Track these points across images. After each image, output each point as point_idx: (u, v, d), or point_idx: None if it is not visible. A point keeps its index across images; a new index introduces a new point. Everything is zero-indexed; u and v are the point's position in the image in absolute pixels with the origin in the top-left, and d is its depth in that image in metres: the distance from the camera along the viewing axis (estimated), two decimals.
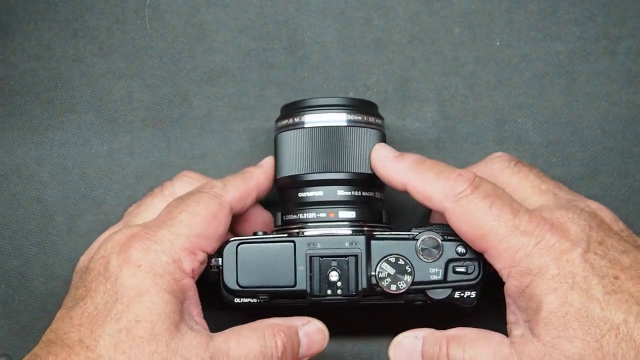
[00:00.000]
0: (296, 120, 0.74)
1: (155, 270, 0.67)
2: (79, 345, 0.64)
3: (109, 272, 0.67)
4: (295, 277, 0.70)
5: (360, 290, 0.70)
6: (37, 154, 0.84)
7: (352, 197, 0.73)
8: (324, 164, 0.73)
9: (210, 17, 0.85)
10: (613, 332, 0.63)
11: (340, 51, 0.85)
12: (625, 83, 0.84)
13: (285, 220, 0.74)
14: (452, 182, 0.69)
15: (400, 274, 0.70)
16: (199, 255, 0.69)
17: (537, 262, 0.66)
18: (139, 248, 0.68)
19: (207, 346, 0.66)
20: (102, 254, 0.69)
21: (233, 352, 0.66)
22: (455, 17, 0.85)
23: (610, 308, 0.64)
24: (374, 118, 0.75)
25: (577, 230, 0.67)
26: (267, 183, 0.77)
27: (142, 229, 0.69)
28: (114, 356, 0.64)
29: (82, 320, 0.66)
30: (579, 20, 0.84)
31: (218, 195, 0.72)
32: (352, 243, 0.70)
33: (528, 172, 0.75)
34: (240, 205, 0.74)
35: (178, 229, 0.69)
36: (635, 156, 0.83)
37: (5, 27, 0.85)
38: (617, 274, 0.65)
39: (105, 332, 0.64)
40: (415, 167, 0.71)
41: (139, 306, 0.65)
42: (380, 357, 0.82)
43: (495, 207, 0.68)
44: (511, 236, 0.67)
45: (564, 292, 0.65)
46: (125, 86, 0.85)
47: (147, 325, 0.65)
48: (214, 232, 0.71)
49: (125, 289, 0.66)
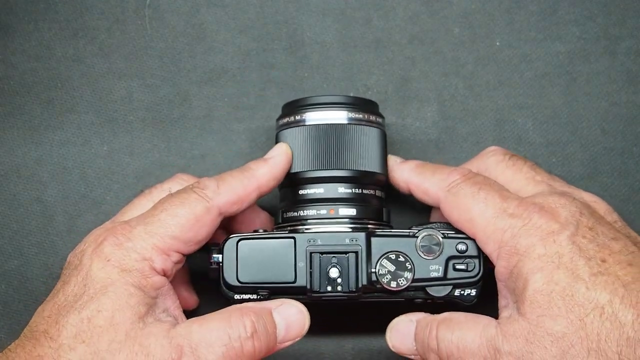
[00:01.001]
0: (297, 117, 0.74)
1: (123, 266, 0.67)
2: (43, 335, 0.65)
3: (82, 264, 0.68)
4: (296, 273, 0.70)
5: (361, 286, 0.70)
6: (37, 154, 0.84)
7: (353, 195, 0.73)
8: (325, 161, 0.73)
9: (210, 17, 0.85)
10: (597, 312, 0.63)
11: (340, 51, 0.85)
12: (625, 83, 0.84)
13: (286, 217, 0.74)
14: (445, 176, 0.72)
15: (400, 271, 0.70)
16: (173, 256, 0.69)
17: (524, 242, 0.66)
18: (111, 243, 0.68)
19: (167, 332, 0.65)
20: (81, 248, 0.70)
21: (195, 335, 0.65)
22: (455, 17, 0.85)
23: (596, 288, 0.64)
24: (374, 116, 0.75)
25: (567, 214, 0.67)
26: (271, 182, 0.73)
27: (120, 225, 0.70)
28: (73, 345, 0.64)
29: (52, 312, 0.66)
30: (579, 20, 0.84)
31: (207, 198, 0.70)
32: (352, 240, 0.70)
33: (522, 164, 0.75)
34: (235, 208, 0.72)
35: (154, 228, 0.69)
36: (635, 156, 0.83)
37: (5, 27, 0.85)
38: (605, 258, 0.65)
39: (68, 322, 0.65)
40: (415, 169, 0.75)
41: (102, 297, 0.65)
42: (381, 355, 0.82)
43: (483, 191, 0.69)
44: (498, 218, 0.68)
45: (550, 271, 0.65)
46: (125, 86, 0.85)
47: (108, 314, 0.65)
48: (193, 236, 0.70)
49: (93, 281, 0.66)
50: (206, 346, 0.65)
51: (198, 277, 0.79)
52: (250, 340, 0.66)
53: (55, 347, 0.64)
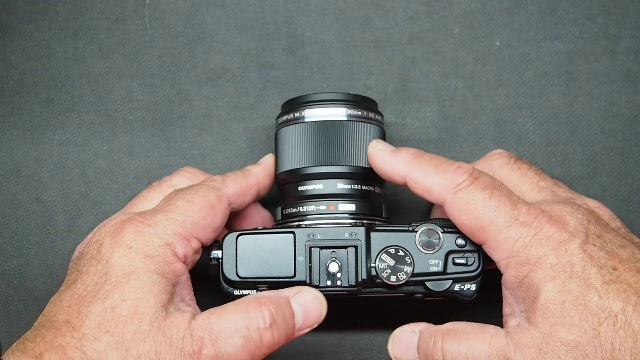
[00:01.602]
0: (297, 115, 0.74)
1: (147, 252, 0.67)
2: (65, 326, 0.64)
3: (101, 254, 0.68)
4: (295, 268, 0.70)
5: (360, 281, 0.70)
6: (37, 154, 0.84)
7: (352, 191, 0.73)
8: (324, 157, 0.73)
9: (210, 17, 0.85)
10: (611, 321, 0.63)
11: (340, 51, 0.85)
12: (625, 83, 0.84)
13: (286, 214, 0.74)
14: (451, 174, 0.69)
15: (400, 266, 0.69)
16: (193, 242, 0.70)
17: (536, 253, 0.66)
18: (132, 231, 0.68)
19: (189, 324, 0.65)
20: (96, 239, 0.70)
21: (215, 327, 0.65)
22: (455, 17, 0.85)
23: (609, 297, 0.63)
24: (373, 114, 0.75)
25: (575, 223, 0.67)
26: (267, 181, 0.77)
27: (138, 215, 0.70)
28: (97, 335, 0.64)
29: (72, 302, 0.66)
30: (579, 20, 0.84)
31: (217, 189, 0.72)
32: (352, 234, 0.70)
33: (528, 169, 0.75)
34: (240, 201, 0.75)
35: (174, 215, 0.69)
36: (635, 156, 0.83)
37: (5, 27, 0.85)
38: (616, 266, 0.65)
39: (92, 311, 0.65)
40: (414, 161, 0.71)
41: (126, 286, 0.65)
42: (381, 355, 0.82)
43: (495, 198, 0.68)
44: (510, 227, 0.67)
45: (563, 281, 0.64)
46: (125, 86, 0.85)
47: (132, 303, 0.65)
48: (211, 223, 0.71)
49: (115, 270, 0.66)
50: (226, 338, 0.65)
51: (198, 276, 0.79)
52: (270, 330, 0.66)
53: (78, 338, 0.64)
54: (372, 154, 0.73)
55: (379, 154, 0.73)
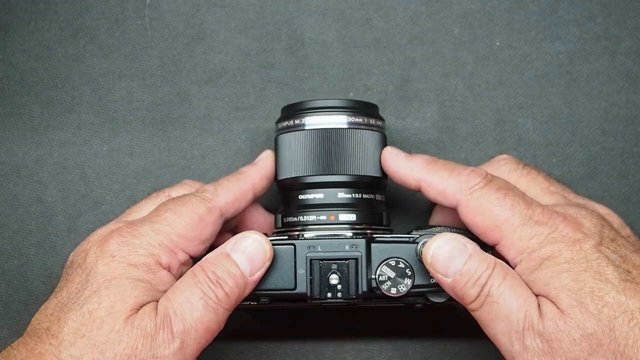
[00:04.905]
0: (296, 122, 0.74)
1: (130, 261, 0.67)
2: (45, 333, 0.65)
3: (86, 263, 0.68)
4: (296, 280, 0.70)
5: (361, 293, 0.69)
6: (37, 154, 0.84)
7: (353, 200, 0.73)
8: (325, 166, 0.73)
9: (210, 17, 0.85)
10: (627, 317, 0.62)
11: (340, 51, 0.85)
12: (625, 83, 0.84)
13: (286, 222, 0.74)
14: (465, 177, 0.70)
15: (400, 277, 0.69)
16: (179, 254, 0.70)
17: (550, 248, 0.66)
18: (117, 241, 0.68)
19: (154, 309, 0.66)
20: (84, 248, 0.70)
21: (174, 299, 0.66)
22: (455, 17, 0.85)
23: (626, 293, 0.63)
24: (374, 120, 0.75)
25: (590, 225, 0.67)
26: (264, 182, 0.76)
27: (125, 225, 0.70)
28: (73, 340, 0.64)
29: (54, 310, 0.67)
30: (579, 20, 0.84)
31: (208, 199, 0.72)
32: (352, 246, 0.70)
33: (536, 174, 0.75)
34: (234, 208, 0.74)
35: (160, 226, 0.69)
36: (635, 156, 0.83)
37: (5, 27, 0.85)
38: (630, 269, 0.65)
39: (70, 317, 0.65)
40: (428, 165, 0.73)
41: (105, 290, 0.66)
42: (381, 356, 0.82)
43: (509, 198, 0.68)
44: (525, 225, 0.67)
45: (577, 273, 0.64)
46: (125, 86, 0.85)
47: (109, 304, 0.65)
48: (198, 235, 0.71)
49: (97, 277, 0.67)
50: (187, 304, 0.66)
51: None
52: (219, 287, 0.67)
53: (56, 344, 0.64)
54: (386, 158, 0.74)
55: (394, 159, 0.74)
